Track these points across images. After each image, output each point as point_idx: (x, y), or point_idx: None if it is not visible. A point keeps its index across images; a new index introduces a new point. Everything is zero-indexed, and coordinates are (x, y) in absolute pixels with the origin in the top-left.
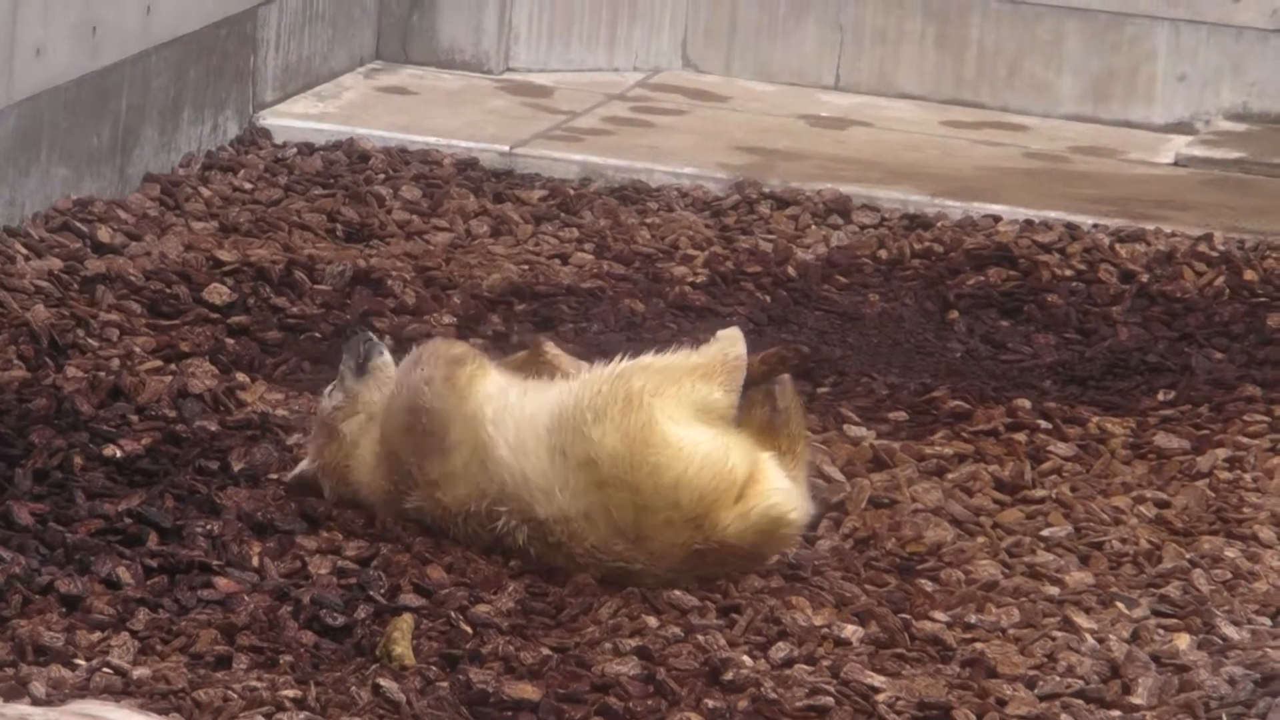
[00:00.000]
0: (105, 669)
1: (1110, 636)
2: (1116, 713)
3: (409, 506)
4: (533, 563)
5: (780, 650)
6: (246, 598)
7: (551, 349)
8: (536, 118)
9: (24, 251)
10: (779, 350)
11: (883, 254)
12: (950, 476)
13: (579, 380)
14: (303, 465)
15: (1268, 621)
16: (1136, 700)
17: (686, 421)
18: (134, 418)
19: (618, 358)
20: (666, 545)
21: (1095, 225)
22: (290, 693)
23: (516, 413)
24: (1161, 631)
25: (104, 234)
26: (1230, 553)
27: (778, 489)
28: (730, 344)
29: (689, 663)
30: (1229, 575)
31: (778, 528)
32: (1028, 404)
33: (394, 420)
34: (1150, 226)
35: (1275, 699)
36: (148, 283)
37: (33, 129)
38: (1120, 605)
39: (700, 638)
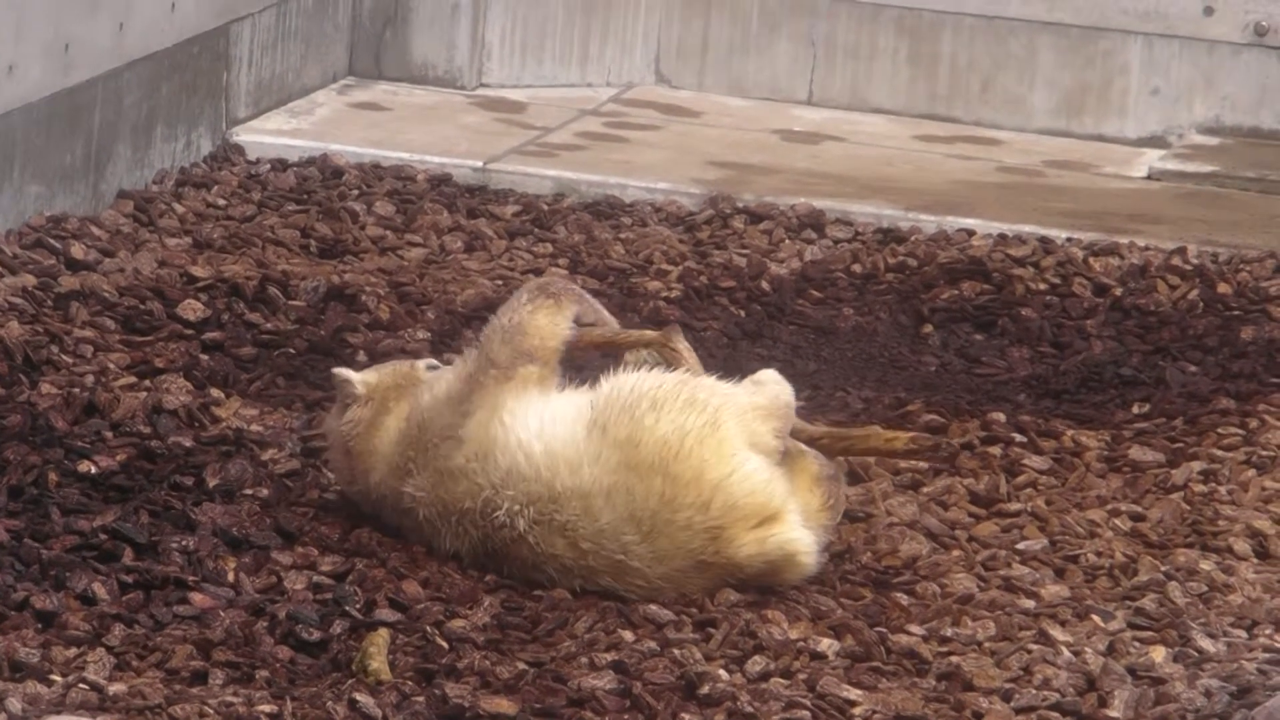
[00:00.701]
0: (81, 685)
1: (1086, 649)
2: None
3: (405, 490)
4: (515, 568)
5: (756, 664)
6: (222, 613)
7: (682, 343)
8: (510, 133)
9: None
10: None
11: (857, 268)
12: (925, 490)
13: (638, 374)
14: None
15: (1243, 634)
16: (1113, 713)
17: (743, 443)
18: (109, 434)
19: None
20: (675, 547)
21: (1069, 239)
22: (266, 708)
23: (544, 403)
24: (1137, 644)
25: (78, 250)
26: (1205, 565)
27: (802, 530)
28: (782, 389)
29: (665, 677)
30: (1204, 588)
31: (788, 565)
32: (1002, 417)
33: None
34: (1124, 240)
35: (1251, 711)
36: (122, 299)
37: (5, 146)
38: (1096, 618)
39: (676, 652)
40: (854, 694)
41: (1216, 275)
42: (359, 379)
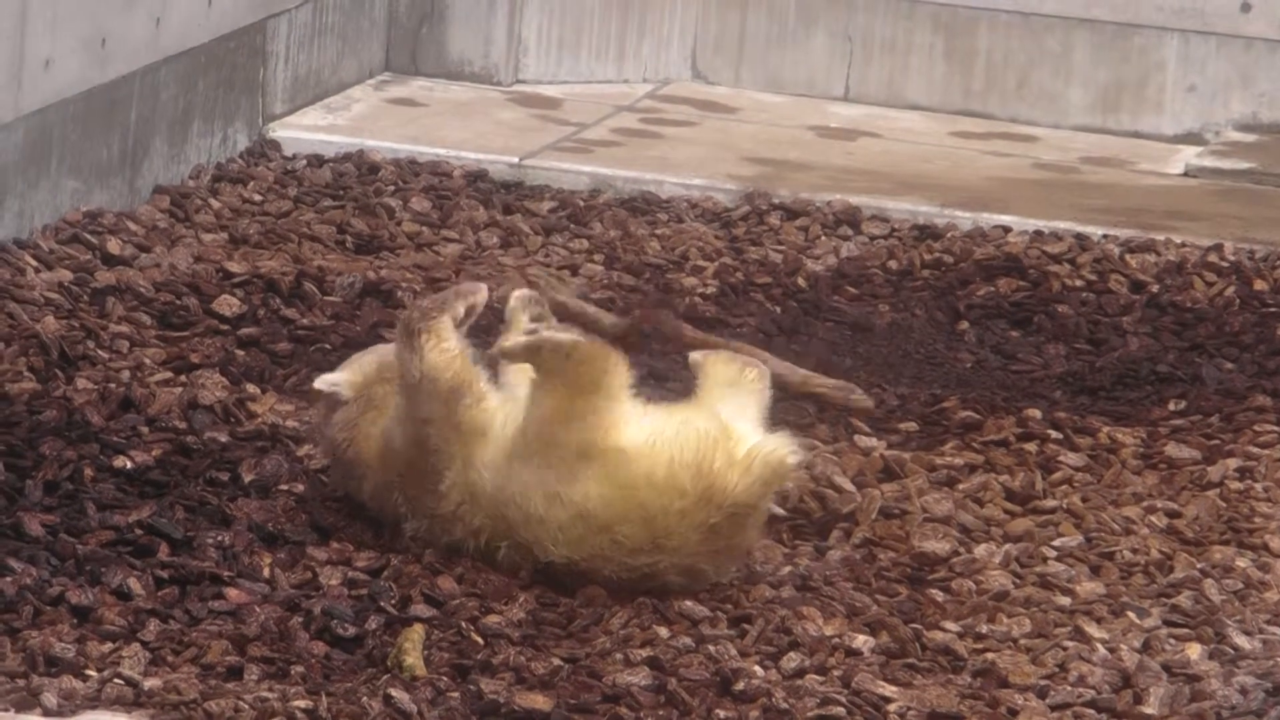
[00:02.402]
0: (116, 680)
1: (1121, 646)
2: None
3: (404, 527)
4: (543, 574)
5: (791, 660)
6: (257, 608)
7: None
8: (546, 129)
9: (34, 263)
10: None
11: (892, 265)
12: (961, 487)
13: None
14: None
15: (1279, 631)
16: (1148, 710)
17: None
18: (144, 429)
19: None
20: (685, 534)
21: (1105, 236)
22: (301, 703)
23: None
24: (1173, 641)
25: (114, 246)
26: (1241, 562)
27: (759, 437)
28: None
29: (700, 673)
30: (1240, 585)
31: (781, 470)
32: (1038, 414)
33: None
34: (1160, 237)
35: None
36: (158, 294)
37: (42, 141)
38: (1131, 615)
39: (711, 648)
40: (889, 690)
41: (1253, 272)
42: (344, 380)
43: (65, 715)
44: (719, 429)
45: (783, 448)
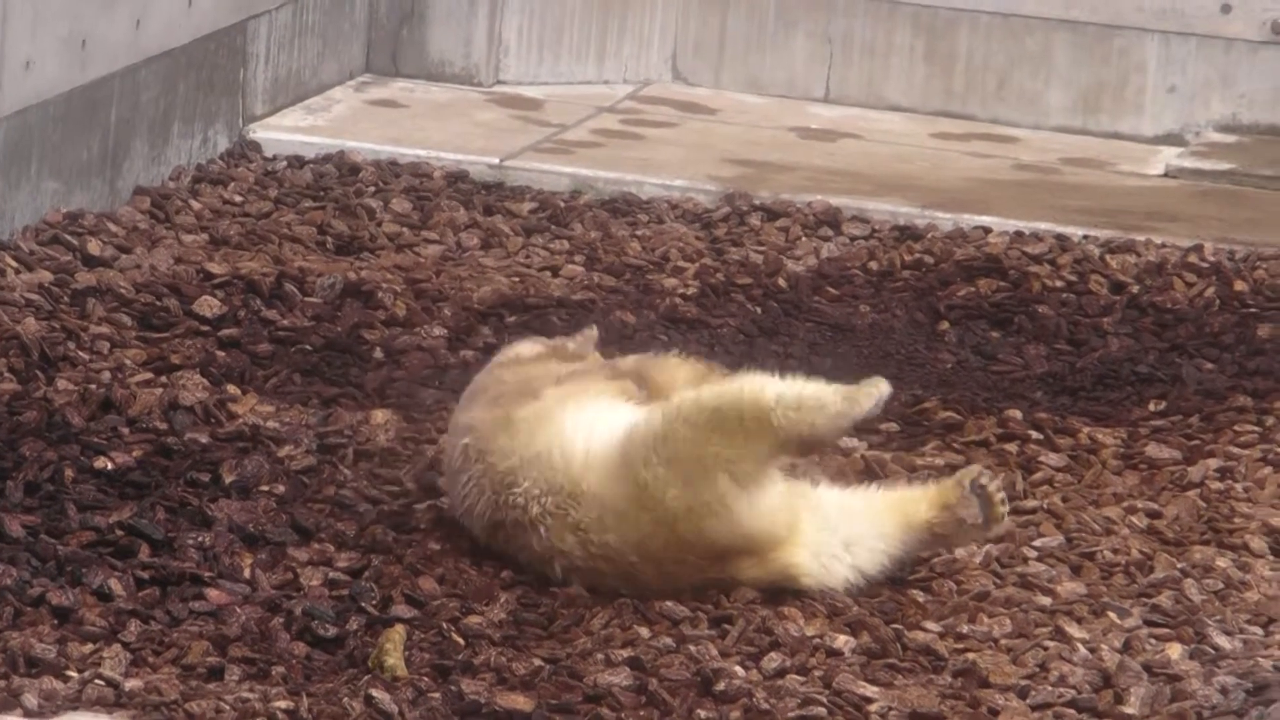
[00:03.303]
0: (97, 680)
1: (1102, 646)
2: None
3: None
4: (527, 570)
5: (772, 660)
6: (238, 609)
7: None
8: (526, 130)
9: (14, 265)
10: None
11: (873, 265)
12: None
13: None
14: None
15: (1259, 631)
16: (1129, 710)
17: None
18: (125, 430)
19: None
20: (679, 567)
21: (1085, 236)
22: (283, 704)
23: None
24: (1153, 641)
25: (94, 247)
26: (1222, 562)
27: (805, 554)
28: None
29: (681, 673)
30: (1220, 585)
31: (788, 584)
32: (1019, 414)
33: None
34: (1140, 238)
35: (1267, 708)
36: (138, 295)
37: (22, 142)
38: (1112, 615)
39: (692, 648)
40: (870, 691)
41: (1233, 273)
42: None
43: (46, 716)
44: (785, 525)
45: (803, 568)
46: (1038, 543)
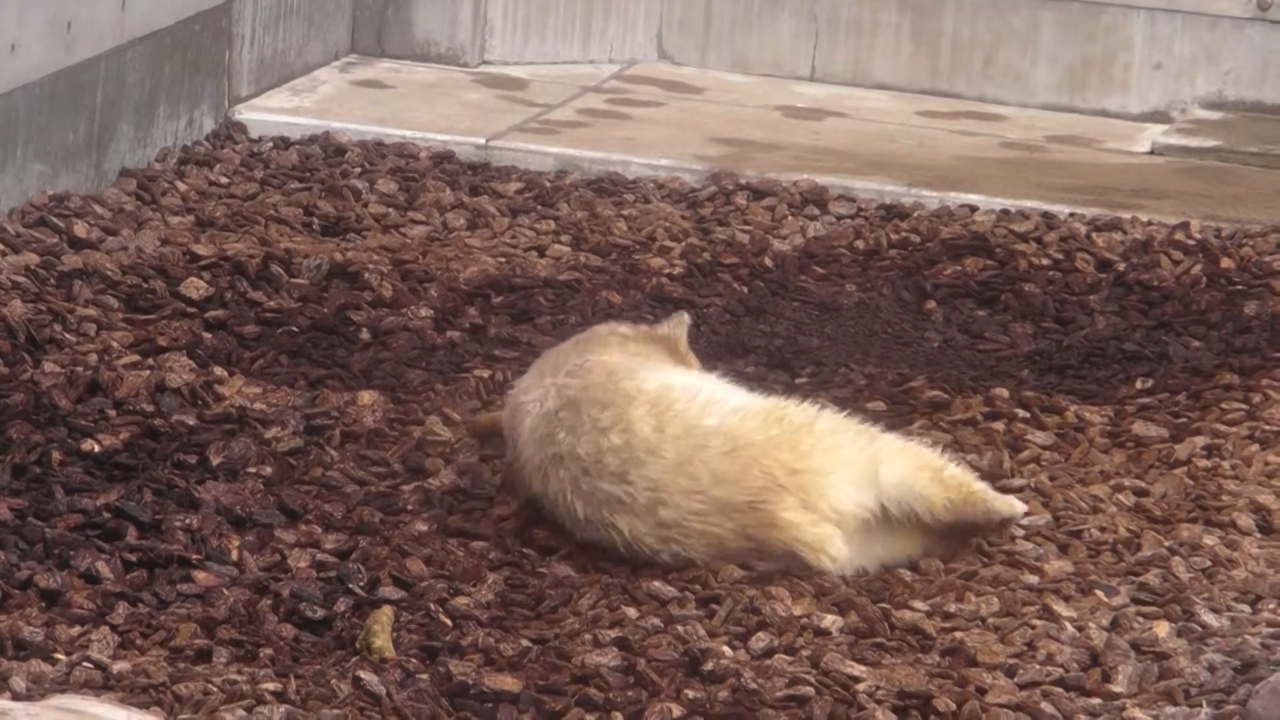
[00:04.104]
0: (85, 663)
1: (1090, 624)
2: (1096, 700)
3: None
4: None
5: (760, 640)
6: (226, 591)
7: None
8: (512, 110)
9: (0, 247)
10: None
11: (860, 244)
12: None
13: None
14: None
15: (1247, 608)
16: (1116, 688)
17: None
18: (112, 412)
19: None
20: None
21: (1072, 214)
22: (270, 686)
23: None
24: (1141, 619)
25: (80, 229)
26: (1209, 540)
27: (840, 537)
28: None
29: (669, 653)
30: (1208, 563)
31: (809, 555)
32: (1005, 393)
33: None
34: (1127, 215)
35: (1255, 685)
36: (124, 277)
37: (8, 125)
38: (1099, 593)
39: (680, 628)
40: (858, 670)
41: (1220, 250)
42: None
43: (34, 699)
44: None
45: (832, 543)
46: (1025, 521)
